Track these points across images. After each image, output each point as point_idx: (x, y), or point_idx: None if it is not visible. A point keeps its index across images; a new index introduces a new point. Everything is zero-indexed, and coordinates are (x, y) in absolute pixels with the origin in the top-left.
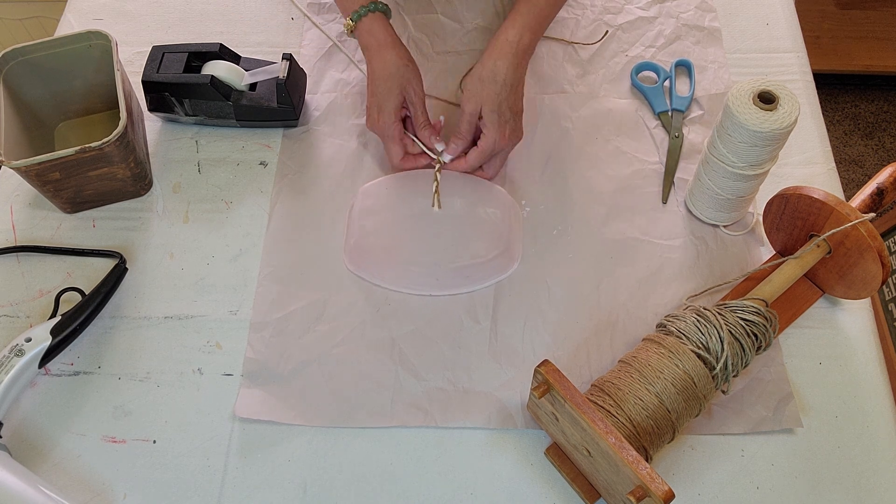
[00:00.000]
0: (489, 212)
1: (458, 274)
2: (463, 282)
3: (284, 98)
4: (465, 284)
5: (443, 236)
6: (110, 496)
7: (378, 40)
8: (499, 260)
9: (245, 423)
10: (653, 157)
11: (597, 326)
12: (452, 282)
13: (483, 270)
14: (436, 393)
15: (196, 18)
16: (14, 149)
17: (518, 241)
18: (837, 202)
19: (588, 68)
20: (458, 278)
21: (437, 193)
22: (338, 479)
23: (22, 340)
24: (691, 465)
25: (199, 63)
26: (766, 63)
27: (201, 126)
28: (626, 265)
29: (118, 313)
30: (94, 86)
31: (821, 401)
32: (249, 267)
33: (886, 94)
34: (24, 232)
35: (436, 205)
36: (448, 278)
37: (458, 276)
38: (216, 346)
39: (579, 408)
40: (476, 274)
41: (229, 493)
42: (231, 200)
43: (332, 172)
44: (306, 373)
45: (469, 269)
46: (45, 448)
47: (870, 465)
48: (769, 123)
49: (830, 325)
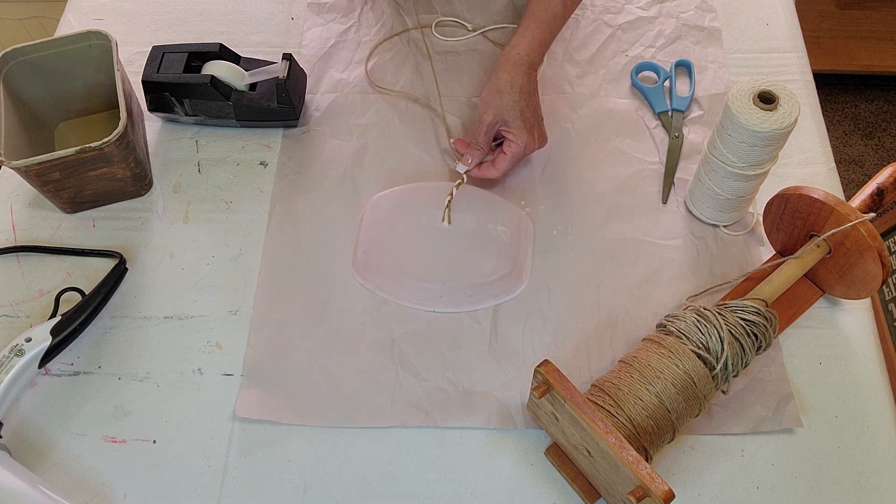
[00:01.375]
0: (500, 230)
1: (463, 293)
2: (467, 301)
3: (284, 98)
4: (470, 303)
5: (451, 253)
6: (110, 496)
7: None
8: (506, 280)
9: (245, 423)
10: (653, 158)
11: (597, 326)
12: (458, 300)
13: (490, 290)
14: (436, 393)
15: (196, 18)
16: (14, 149)
17: (527, 260)
18: (837, 202)
19: (588, 68)
20: (463, 297)
21: (449, 208)
22: (338, 479)
23: (22, 340)
24: (691, 465)
25: (199, 63)
26: (766, 63)
27: (201, 126)
28: (626, 265)
29: (118, 313)
30: (94, 86)
31: (821, 401)
32: (249, 267)
33: (886, 94)
34: (24, 232)
35: (446, 219)
36: (454, 296)
37: (464, 295)
38: (216, 346)
39: (579, 408)
40: (482, 293)
41: (229, 493)
42: (231, 200)
43: (332, 172)
44: (306, 373)
45: (475, 287)
46: (46, 448)
47: (870, 465)
48: (769, 123)
49: (830, 325)
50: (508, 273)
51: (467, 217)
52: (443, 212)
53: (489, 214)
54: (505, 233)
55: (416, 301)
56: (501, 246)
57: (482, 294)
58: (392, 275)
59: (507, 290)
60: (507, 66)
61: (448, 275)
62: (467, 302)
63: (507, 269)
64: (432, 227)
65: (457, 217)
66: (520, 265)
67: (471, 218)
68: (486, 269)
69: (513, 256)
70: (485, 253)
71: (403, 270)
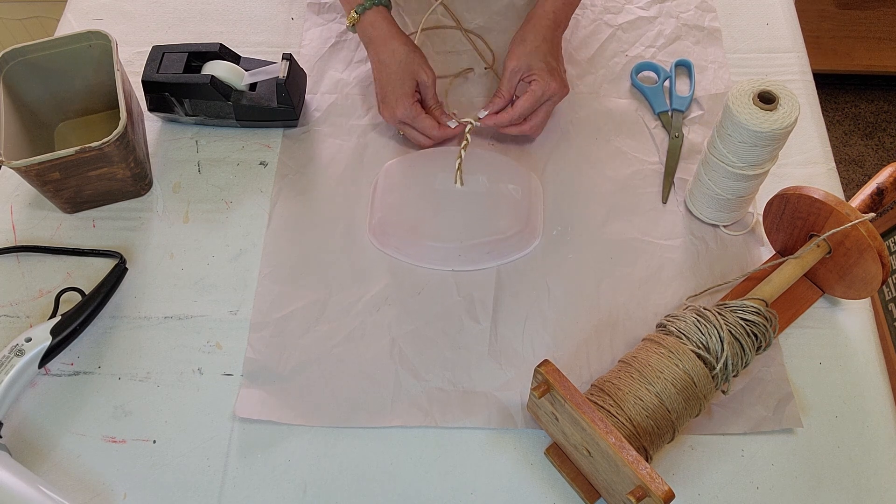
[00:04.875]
0: (510, 188)
1: (480, 250)
2: (485, 258)
3: (284, 98)
4: (488, 260)
5: (465, 213)
6: (110, 496)
7: (383, 32)
8: (521, 236)
9: (245, 423)
10: (653, 157)
11: (596, 326)
12: (476, 257)
13: (505, 246)
14: (436, 393)
15: (196, 18)
16: (14, 149)
17: (539, 217)
18: (837, 202)
19: (588, 68)
20: (481, 254)
21: (461, 170)
22: (338, 479)
23: (22, 340)
24: (691, 466)
25: (199, 63)
26: (766, 63)
27: (201, 126)
28: (626, 265)
29: (118, 313)
30: (94, 86)
31: (821, 401)
32: (249, 267)
33: (886, 93)
34: (24, 232)
35: (458, 181)
36: (471, 254)
37: (481, 252)
38: (216, 346)
39: (579, 408)
40: (498, 249)
41: (229, 493)
42: (231, 200)
43: (332, 172)
44: (306, 373)
45: (491, 244)
46: (46, 448)
47: (870, 465)
48: (769, 123)
49: (830, 325)
50: (522, 229)
51: (479, 178)
52: (454, 174)
53: (499, 175)
54: (517, 190)
55: (435, 261)
56: (513, 203)
57: (499, 250)
58: (410, 238)
59: (522, 245)
60: (532, 20)
61: (464, 234)
62: (484, 259)
63: (521, 226)
64: (446, 189)
65: (468, 179)
66: (532, 221)
67: (482, 178)
68: (502, 226)
69: (525, 213)
70: (498, 211)
71: (421, 233)
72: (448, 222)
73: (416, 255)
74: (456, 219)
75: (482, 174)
